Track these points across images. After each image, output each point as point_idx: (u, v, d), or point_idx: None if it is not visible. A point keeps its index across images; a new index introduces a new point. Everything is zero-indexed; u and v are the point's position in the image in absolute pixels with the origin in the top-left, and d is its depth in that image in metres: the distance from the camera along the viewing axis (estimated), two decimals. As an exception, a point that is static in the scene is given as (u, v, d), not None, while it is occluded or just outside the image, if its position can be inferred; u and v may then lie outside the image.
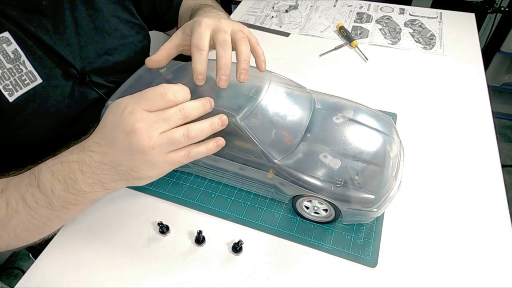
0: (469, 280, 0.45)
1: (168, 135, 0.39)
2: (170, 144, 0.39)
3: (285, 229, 0.50)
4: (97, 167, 0.40)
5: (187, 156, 0.41)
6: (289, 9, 0.99)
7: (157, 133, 0.38)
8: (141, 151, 0.38)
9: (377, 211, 0.45)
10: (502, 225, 0.50)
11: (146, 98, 0.39)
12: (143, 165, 0.39)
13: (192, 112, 0.40)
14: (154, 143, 0.38)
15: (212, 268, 0.46)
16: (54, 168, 0.41)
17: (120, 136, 0.38)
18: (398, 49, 0.84)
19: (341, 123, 0.50)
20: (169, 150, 0.39)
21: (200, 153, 0.42)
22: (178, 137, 0.39)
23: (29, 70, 0.52)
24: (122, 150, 0.39)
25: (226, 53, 0.46)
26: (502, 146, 1.70)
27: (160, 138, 0.38)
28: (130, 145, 0.38)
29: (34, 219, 0.42)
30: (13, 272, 1.30)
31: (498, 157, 0.59)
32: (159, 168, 0.40)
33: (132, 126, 0.38)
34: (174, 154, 0.40)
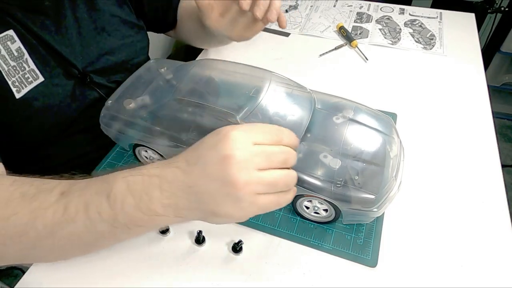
0: (469, 280, 0.45)
1: (268, 175, 0.35)
2: (267, 185, 0.35)
3: (285, 229, 0.50)
4: (178, 188, 0.36)
5: (276, 203, 0.37)
6: (289, 9, 0.99)
7: (255, 168, 0.34)
8: (232, 183, 0.34)
9: (377, 211, 0.45)
10: (502, 225, 0.50)
11: (257, 130, 0.36)
12: (228, 200, 0.35)
13: (293, 160, 0.37)
14: (250, 178, 0.34)
15: (212, 268, 0.46)
16: (131, 180, 0.37)
17: (214, 160, 0.35)
18: (398, 49, 0.84)
19: (341, 123, 0.50)
20: (262, 192, 0.35)
21: (287, 202, 0.38)
22: (278, 179, 0.35)
23: (32, 69, 0.52)
24: (211, 175, 0.35)
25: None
26: (502, 146, 1.70)
27: (259, 175, 0.34)
28: (222, 173, 0.34)
29: (88, 233, 0.38)
30: (13, 272, 1.29)
31: (498, 157, 0.59)
32: (244, 209, 0.35)
33: (231, 151, 0.34)
34: (264, 198, 0.36)
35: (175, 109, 0.49)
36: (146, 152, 0.55)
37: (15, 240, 0.37)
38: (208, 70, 0.55)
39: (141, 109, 0.52)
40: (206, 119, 0.48)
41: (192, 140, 0.49)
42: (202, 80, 0.54)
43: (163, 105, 0.50)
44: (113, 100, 0.55)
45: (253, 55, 0.83)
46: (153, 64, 0.62)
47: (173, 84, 0.54)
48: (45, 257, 0.41)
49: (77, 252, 0.41)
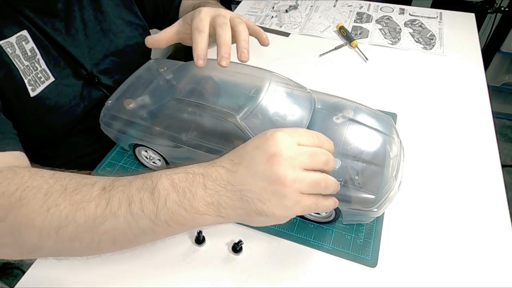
0: (469, 280, 0.45)
1: (312, 174, 0.36)
2: (311, 184, 0.36)
3: (285, 229, 0.50)
4: (222, 186, 0.36)
5: (315, 205, 0.37)
6: (289, 9, 0.99)
7: (300, 167, 0.35)
8: (280, 180, 0.34)
9: (377, 211, 0.45)
10: (502, 225, 0.50)
11: (301, 132, 0.38)
12: (274, 198, 0.35)
13: (332, 163, 0.39)
14: (297, 176, 0.35)
15: (212, 268, 0.46)
16: (175, 177, 0.37)
17: (261, 158, 0.35)
18: (398, 49, 0.84)
19: (341, 123, 0.50)
20: (306, 192, 0.36)
21: (326, 207, 0.39)
22: (321, 179, 0.36)
23: (43, 68, 0.54)
24: (257, 174, 0.35)
25: (225, 32, 0.47)
26: (502, 146, 1.70)
27: (305, 174, 0.35)
28: (270, 170, 0.35)
29: (129, 229, 0.37)
30: (13, 272, 1.30)
31: (498, 157, 0.59)
32: (288, 208, 0.36)
33: (279, 150, 0.35)
34: (307, 198, 0.36)
35: (175, 109, 0.49)
36: (146, 152, 0.55)
37: (54, 232, 0.37)
38: (208, 70, 0.55)
39: (141, 109, 0.52)
40: (206, 119, 0.48)
41: (192, 140, 0.49)
42: (202, 80, 0.54)
43: (163, 105, 0.50)
44: (113, 100, 0.55)
45: (253, 55, 0.83)
46: (153, 64, 0.62)
47: (173, 84, 0.54)
48: (81, 251, 0.41)
49: (113, 248, 0.41)
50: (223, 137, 0.48)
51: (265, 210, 0.36)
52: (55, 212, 0.36)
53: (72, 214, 0.36)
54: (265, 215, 0.36)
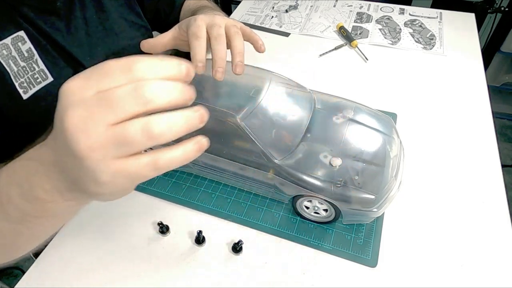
0: (469, 280, 0.45)
1: (116, 129, 0.25)
2: (119, 143, 0.25)
3: (285, 229, 0.50)
4: (50, 169, 0.30)
5: (152, 164, 0.27)
6: (289, 9, 0.99)
7: (99, 125, 0.25)
8: (77, 152, 0.25)
9: (377, 211, 0.45)
10: (502, 225, 0.50)
11: (99, 71, 0.27)
12: (84, 175, 0.27)
13: (158, 94, 0.26)
14: (93, 141, 0.25)
15: (212, 268, 0.46)
16: (10, 168, 0.33)
17: (57, 125, 0.27)
18: (398, 49, 0.84)
19: (341, 123, 0.50)
20: (120, 154, 0.26)
21: (174, 160, 0.29)
22: (132, 132, 0.25)
23: (41, 69, 0.53)
24: (61, 148, 0.27)
25: (221, 46, 0.47)
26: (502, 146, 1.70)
27: (105, 134, 0.25)
28: (65, 141, 0.26)
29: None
30: (13, 272, 1.30)
31: (498, 157, 0.59)
32: (107, 182, 0.26)
33: (65, 111, 0.25)
34: (132, 161, 0.26)
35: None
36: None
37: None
38: (208, 70, 0.55)
39: (141, 109, 0.52)
40: (206, 119, 0.48)
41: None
42: (202, 80, 0.54)
43: (163, 105, 0.50)
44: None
45: (253, 55, 0.83)
46: (153, 64, 0.62)
47: (173, 84, 0.54)
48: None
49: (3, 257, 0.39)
50: (223, 137, 0.48)
51: (89, 190, 0.28)
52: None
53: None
54: (94, 194, 0.29)
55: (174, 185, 0.55)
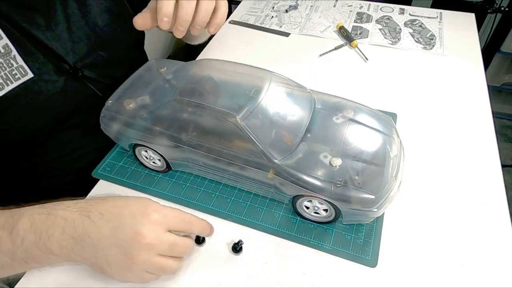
0: (469, 280, 0.45)
1: (164, 262, 0.40)
2: (158, 268, 0.40)
3: (285, 229, 0.50)
4: (79, 235, 0.39)
5: (157, 276, 0.42)
6: (289, 9, 0.99)
7: (156, 253, 0.39)
8: (132, 257, 0.38)
9: (377, 211, 0.45)
10: (502, 225, 0.50)
11: (171, 220, 0.41)
12: (119, 266, 0.39)
13: (189, 252, 0.44)
14: (148, 259, 0.39)
15: (212, 268, 0.46)
16: (36, 218, 0.40)
17: (128, 229, 0.38)
18: (398, 49, 0.84)
19: (341, 123, 0.50)
20: (151, 271, 0.40)
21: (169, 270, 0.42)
22: (167, 267, 0.41)
23: (20, 65, 0.52)
24: (117, 240, 0.38)
25: (188, 4, 0.46)
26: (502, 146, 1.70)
27: (156, 260, 0.39)
28: (129, 244, 0.38)
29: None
30: (13, 272, 1.29)
31: (498, 157, 0.59)
32: (128, 279, 0.41)
33: (146, 232, 0.38)
34: (150, 276, 0.41)
35: (175, 109, 0.49)
36: (146, 152, 0.55)
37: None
38: (208, 70, 0.55)
39: (141, 109, 0.52)
40: (206, 119, 0.48)
41: (192, 140, 0.49)
42: (202, 80, 0.54)
43: (163, 105, 0.50)
44: (113, 100, 0.55)
45: (253, 55, 0.83)
46: (153, 64, 0.62)
47: (173, 84, 0.54)
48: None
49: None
50: (223, 137, 0.48)
51: (106, 272, 0.39)
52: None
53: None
54: (105, 274, 0.40)
55: (174, 185, 0.55)
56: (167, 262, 0.40)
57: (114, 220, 0.39)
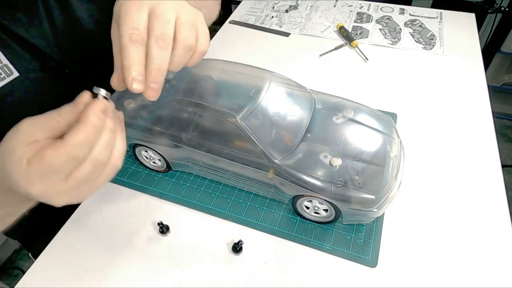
0: (469, 280, 0.45)
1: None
2: (83, 183, 0.34)
3: (285, 229, 0.50)
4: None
5: (113, 169, 0.36)
6: (289, 9, 0.99)
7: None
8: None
9: (377, 211, 0.45)
10: (502, 225, 0.50)
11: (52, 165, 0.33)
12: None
13: (107, 153, 0.35)
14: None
15: (212, 268, 0.46)
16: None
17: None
18: (398, 49, 0.84)
19: (341, 123, 0.50)
20: (89, 186, 0.35)
21: (123, 151, 0.36)
22: (91, 175, 0.34)
23: (4, 64, 0.50)
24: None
25: (162, 52, 0.36)
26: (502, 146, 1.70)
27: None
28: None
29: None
30: (13, 272, 1.30)
31: (498, 157, 0.59)
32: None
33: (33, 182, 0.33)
34: (100, 179, 0.35)
35: (175, 109, 0.49)
36: (146, 152, 0.55)
37: None
38: (208, 70, 0.55)
39: (141, 109, 0.52)
40: (206, 119, 0.48)
41: (192, 140, 0.49)
42: (202, 80, 0.54)
43: (163, 105, 0.50)
44: (113, 100, 0.55)
45: (253, 55, 0.83)
46: (153, 64, 0.61)
47: (173, 84, 0.54)
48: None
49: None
50: (223, 137, 0.48)
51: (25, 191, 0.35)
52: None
53: None
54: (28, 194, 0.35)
55: (174, 185, 0.55)
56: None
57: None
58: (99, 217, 0.52)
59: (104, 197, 0.54)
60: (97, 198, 0.54)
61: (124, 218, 0.52)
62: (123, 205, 0.53)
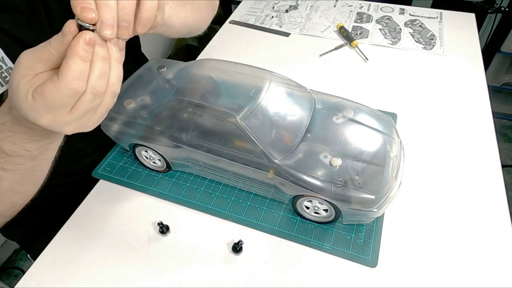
0: (469, 280, 0.45)
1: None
2: (87, 113, 0.36)
3: (285, 229, 0.50)
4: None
5: (112, 95, 0.36)
6: (289, 9, 0.99)
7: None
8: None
9: (377, 211, 0.45)
10: (502, 225, 0.50)
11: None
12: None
13: (104, 81, 0.35)
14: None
15: (212, 268, 0.46)
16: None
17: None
18: (398, 49, 0.84)
19: (341, 123, 0.50)
20: (92, 115, 0.37)
21: (120, 76, 0.36)
22: (92, 105, 0.35)
23: (9, 67, 0.51)
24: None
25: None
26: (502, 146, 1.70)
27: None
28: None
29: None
30: (13, 272, 1.30)
31: (498, 157, 0.59)
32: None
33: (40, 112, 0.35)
34: (101, 106, 0.37)
35: (175, 109, 0.49)
36: (146, 152, 0.55)
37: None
38: (208, 70, 0.55)
39: (141, 109, 0.52)
40: (206, 119, 0.48)
41: (192, 140, 0.49)
42: (202, 80, 0.54)
43: (163, 105, 0.50)
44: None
45: (253, 55, 0.83)
46: (153, 64, 0.62)
47: (173, 84, 0.54)
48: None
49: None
50: (223, 137, 0.48)
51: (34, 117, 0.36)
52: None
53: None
54: (36, 122, 0.37)
55: (174, 185, 0.55)
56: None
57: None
58: (99, 217, 0.52)
59: (104, 197, 0.54)
60: (97, 198, 0.54)
61: (124, 218, 0.52)
62: (123, 205, 0.53)
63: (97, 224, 0.51)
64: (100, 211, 0.52)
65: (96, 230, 0.51)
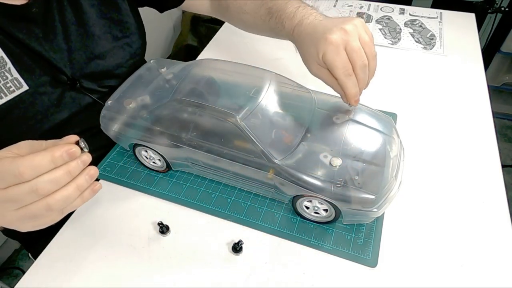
0: (469, 280, 0.45)
1: (9, 192, 0.34)
2: (12, 201, 0.35)
3: (285, 229, 0.50)
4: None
5: (46, 206, 0.35)
6: (289, 9, 0.99)
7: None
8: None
9: (377, 211, 0.45)
10: (502, 225, 0.50)
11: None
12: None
13: (51, 188, 0.35)
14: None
15: (212, 268, 0.46)
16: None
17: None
18: (398, 49, 0.84)
19: (341, 123, 0.50)
20: (16, 208, 0.35)
21: (68, 196, 0.36)
22: (23, 197, 0.34)
23: (15, 77, 0.51)
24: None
25: (365, 74, 0.51)
26: (502, 146, 1.70)
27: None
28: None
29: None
30: (13, 272, 1.30)
31: (498, 157, 0.59)
32: (15, 226, 0.38)
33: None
34: (28, 207, 0.35)
35: (175, 109, 0.49)
36: (146, 152, 0.55)
37: None
38: (208, 70, 0.55)
39: (141, 109, 0.52)
40: (206, 119, 0.48)
41: (192, 140, 0.49)
42: (202, 80, 0.54)
43: (163, 105, 0.50)
44: (113, 100, 0.55)
45: (253, 55, 0.83)
46: (153, 64, 0.62)
47: (173, 84, 0.54)
48: None
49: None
50: (223, 137, 0.48)
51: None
52: None
53: None
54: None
55: (174, 185, 0.55)
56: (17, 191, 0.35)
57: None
58: (99, 217, 0.52)
59: (104, 197, 0.54)
60: (97, 198, 0.54)
61: (124, 218, 0.52)
62: (123, 205, 0.53)
63: (97, 224, 0.51)
64: (100, 211, 0.53)
65: (96, 230, 0.51)
